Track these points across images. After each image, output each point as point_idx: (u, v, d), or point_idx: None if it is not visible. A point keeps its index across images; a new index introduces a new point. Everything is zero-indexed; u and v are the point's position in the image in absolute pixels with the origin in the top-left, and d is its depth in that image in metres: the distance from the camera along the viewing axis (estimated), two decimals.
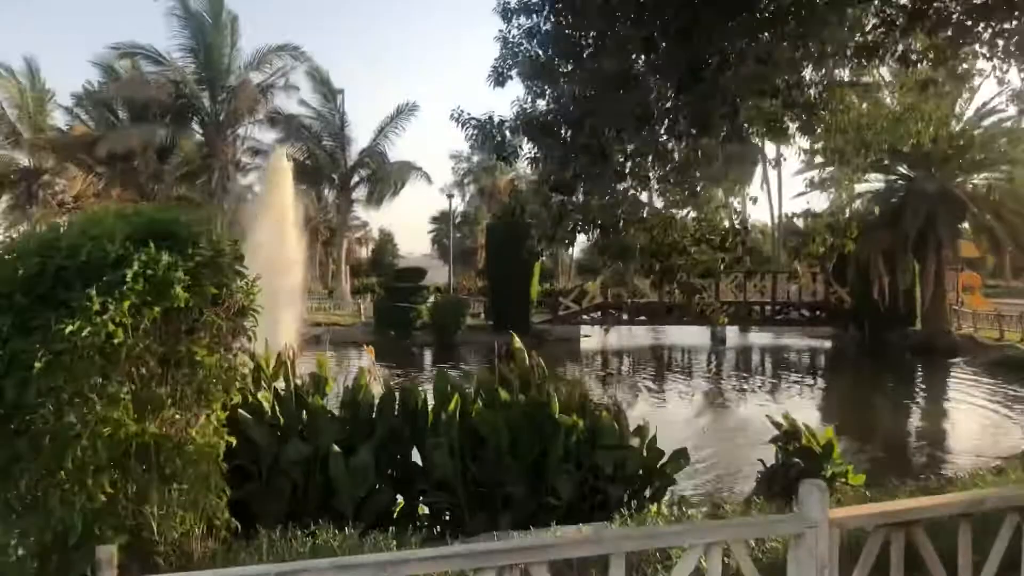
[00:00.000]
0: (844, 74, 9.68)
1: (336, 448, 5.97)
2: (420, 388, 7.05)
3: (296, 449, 6.03)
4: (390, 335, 32.22)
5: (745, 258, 15.39)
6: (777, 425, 9.03)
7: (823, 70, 9.16)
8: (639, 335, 37.51)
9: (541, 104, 10.58)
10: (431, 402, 6.61)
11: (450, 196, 44.54)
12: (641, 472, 6.84)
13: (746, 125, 9.55)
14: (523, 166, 16.56)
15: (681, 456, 7.12)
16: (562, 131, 10.39)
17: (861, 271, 30.02)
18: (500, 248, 31.89)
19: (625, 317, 34.60)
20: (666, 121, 9.95)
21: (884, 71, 9.98)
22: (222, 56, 38.27)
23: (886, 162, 28.53)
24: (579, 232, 11.77)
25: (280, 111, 40.90)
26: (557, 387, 7.10)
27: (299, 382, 6.57)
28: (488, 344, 31.85)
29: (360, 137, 46.37)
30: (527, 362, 7.06)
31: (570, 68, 9.81)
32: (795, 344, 34.95)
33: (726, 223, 14.13)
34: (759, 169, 14.52)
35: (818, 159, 15.97)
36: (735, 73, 7.83)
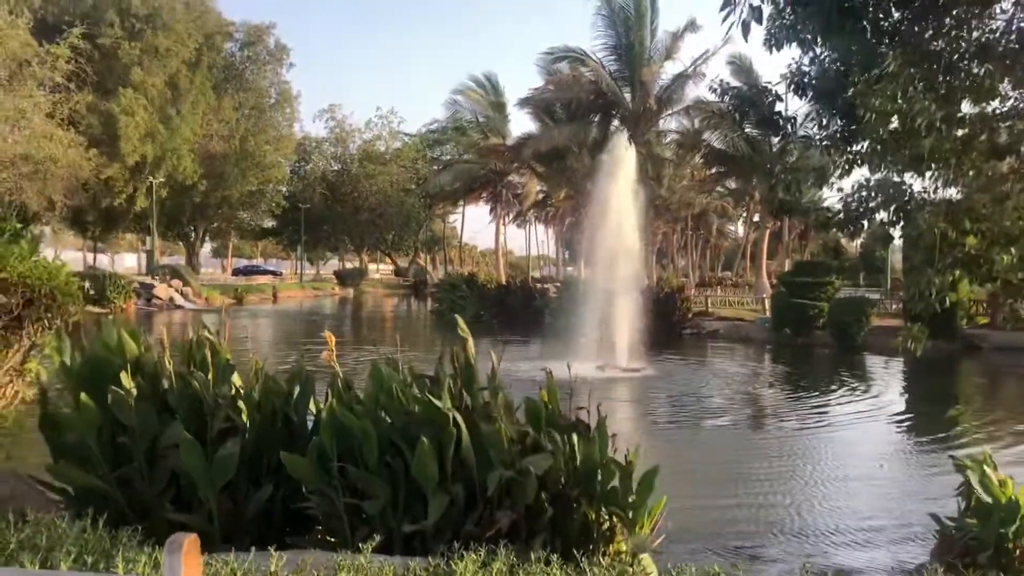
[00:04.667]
0: None
1: (187, 435, 5.47)
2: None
3: (176, 433, 5.68)
4: (786, 333, 29.64)
5: None
6: (963, 469, 6.26)
7: None
8: None
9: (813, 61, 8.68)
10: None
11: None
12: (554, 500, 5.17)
13: None
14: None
15: (646, 486, 5.23)
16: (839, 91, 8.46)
17: None
18: (918, 235, 27.16)
19: None
20: None
21: None
22: (643, 49, 38.79)
23: None
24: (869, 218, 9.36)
25: (703, 100, 40.03)
26: (497, 390, 5.68)
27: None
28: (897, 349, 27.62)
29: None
30: (470, 355, 5.74)
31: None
32: None
33: None
34: None
35: None
36: None
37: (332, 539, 5.49)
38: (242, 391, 5.85)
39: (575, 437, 5.49)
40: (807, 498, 9.35)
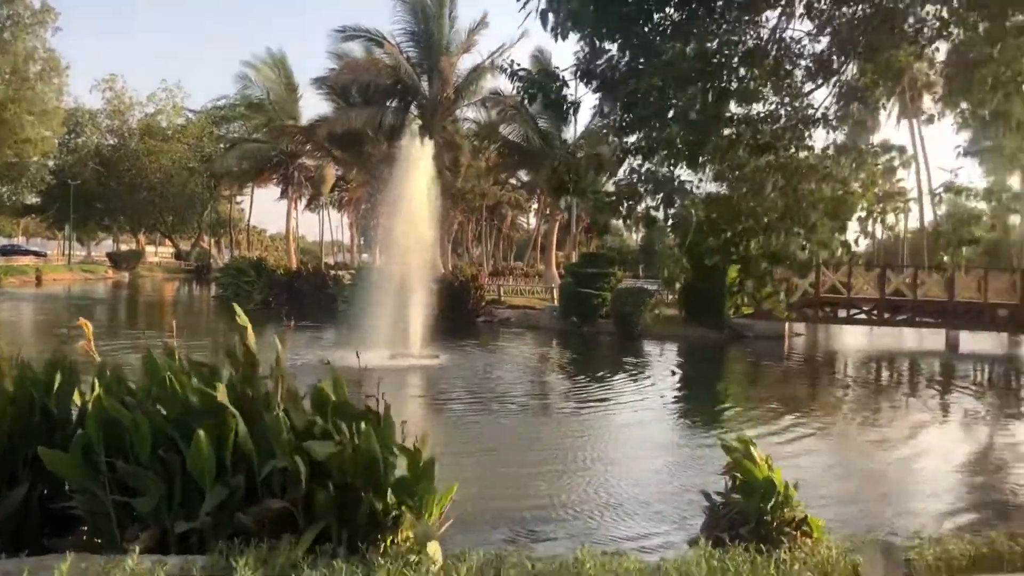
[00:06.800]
0: None
1: None
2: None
3: None
4: (573, 321, 30.88)
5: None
6: (729, 449, 6.73)
7: None
8: (860, 336, 33.15)
9: (607, 52, 8.76)
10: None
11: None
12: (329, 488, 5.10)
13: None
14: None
15: (425, 473, 5.23)
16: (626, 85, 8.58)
17: None
18: (680, 220, 29.14)
19: (843, 315, 30.51)
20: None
21: None
22: (442, 39, 38.91)
23: None
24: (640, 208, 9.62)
25: (500, 92, 40.66)
26: (280, 378, 5.50)
27: None
28: (674, 337, 29.63)
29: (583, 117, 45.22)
30: (250, 343, 5.51)
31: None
32: None
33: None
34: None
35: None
36: None
37: (99, 540, 5.11)
38: None
39: (363, 425, 5.41)
40: (590, 481, 9.76)
